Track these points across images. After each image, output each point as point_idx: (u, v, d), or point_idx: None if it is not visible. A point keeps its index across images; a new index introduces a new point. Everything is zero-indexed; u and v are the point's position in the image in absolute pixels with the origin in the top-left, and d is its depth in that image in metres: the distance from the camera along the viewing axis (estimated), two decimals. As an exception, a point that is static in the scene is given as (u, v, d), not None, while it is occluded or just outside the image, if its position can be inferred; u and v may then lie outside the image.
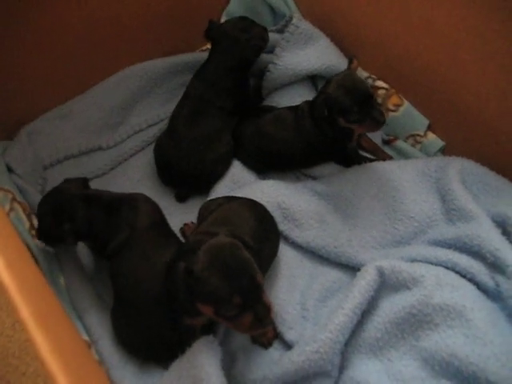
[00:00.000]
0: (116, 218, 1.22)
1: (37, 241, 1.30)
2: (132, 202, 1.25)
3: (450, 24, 1.35)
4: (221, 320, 0.99)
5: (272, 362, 1.13)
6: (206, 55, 1.67)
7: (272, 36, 1.59)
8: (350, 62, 1.41)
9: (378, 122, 1.34)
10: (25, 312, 0.63)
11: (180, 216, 1.46)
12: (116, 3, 1.55)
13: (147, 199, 1.29)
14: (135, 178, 1.55)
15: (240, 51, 1.52)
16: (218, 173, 1.51)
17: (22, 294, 0.64)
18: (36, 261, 1.25)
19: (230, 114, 1.55)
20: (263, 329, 0.99)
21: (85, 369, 0.76)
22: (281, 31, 1.65)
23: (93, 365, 1.05)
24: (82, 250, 1.36)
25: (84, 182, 1.30)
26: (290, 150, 1.49)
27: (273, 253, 1.28)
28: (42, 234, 1.24)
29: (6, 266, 0.66)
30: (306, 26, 1.60)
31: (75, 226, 1.20)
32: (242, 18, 1.57)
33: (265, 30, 1.57)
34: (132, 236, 1.20)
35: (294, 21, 1.60)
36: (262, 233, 1.20)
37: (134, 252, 1.19)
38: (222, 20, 1.80)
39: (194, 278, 0.96)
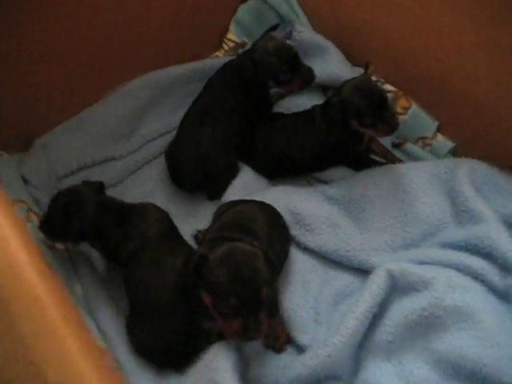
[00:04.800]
0: (126, 227, 1.24)
1: (53, 250, 1.33)
2: (142, 210, 1.27)
3: (457, 25, 1.36)
4: (215, 314, 1.02)
5: (285, 366, 1.14)
6: (215, 62, 1.69)
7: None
8: (367, 67, 1.42)
9: (391, 127, 1.35)
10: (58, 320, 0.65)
11: (194, 223, 1.47)
12: (124, 14, 1.57)
13: (156, 208, 1.31)
14: (148, 186, 1.57)
15: (247, 69, 1.49)
16: (224, 176, 1.52)
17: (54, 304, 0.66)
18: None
19: (240, 118, 1.54)
20: (245, 340, 1.01)
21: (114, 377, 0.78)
22: (288, 39, 1.66)
23: (110, 371, 1.07)
24: (98, 258, 1.38)
25: (100, 186, 1.32)
26: (303, 154, 1.50)
27: (285, 251, 1.30)
28: (47, 226, 1.26)
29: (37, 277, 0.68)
30: (308, 33, 1.63)
31: (83, 227, 1.23)
32: (289, 48, 1.50)
33: (293, 72, 1.49)
34: (143, 244, 1.22)
35: (297, 27, 1.62)
36: (274, 233, 1.22)
37: (146, 260, 1.21)
38: (231, 28, 1.82)
39: (207, 266, 1.00)
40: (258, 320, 0.98)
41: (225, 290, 0.97)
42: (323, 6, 1.68)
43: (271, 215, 1.29)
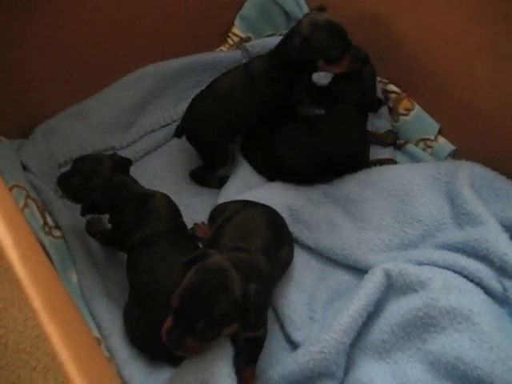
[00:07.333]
0: (142, 212, 1.24)
1: (50, 237, 1.32)
2: (159, 200, 1.27)
3: (461, 29, 1.36)
4: None
5: (278, 362, 1.15)
6: (218, 55, 1.71)
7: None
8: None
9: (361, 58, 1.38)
10: (37, 306, 0.64)
11: (191, 215, 1.46)
12: (130, 4, 1.56)
13: (172, 201, 1.30)
14: (148, 178, 1.55)
15: (295, 47, 1.34)
16: (214, 153, 1.51)
17: (35, 289, 0.65)
18: (49, 257, 1.27)
19: (266, 105, 1.46)
20: (166, 343, 0.97)
21: (96, 364, 0.77)
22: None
23: (103, 360, 1.07)
24: (95, 247, 1.39)
25: (127, 164, 1.33)
26: (298, 163, 1.46)
27: (290, 258, 1.30)
28: (66, 182, 1.28)
29: (19, 261, 0.67)
30: None
31: (97, 198, 1.23)
32: (338, 24, 1.36)
33: (343, 51, 1.36)
34: (154, 235, 1.22)
35: None
36: (279, 240, 1.23)
37: (154, 251, 1.21)
38: (236, 23, 1.81)
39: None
40: (182, 341, 0.95)
41: (178, 291, 0.95)
42: (329, 4, 1.67)
43: (275, 221, 1.28)
